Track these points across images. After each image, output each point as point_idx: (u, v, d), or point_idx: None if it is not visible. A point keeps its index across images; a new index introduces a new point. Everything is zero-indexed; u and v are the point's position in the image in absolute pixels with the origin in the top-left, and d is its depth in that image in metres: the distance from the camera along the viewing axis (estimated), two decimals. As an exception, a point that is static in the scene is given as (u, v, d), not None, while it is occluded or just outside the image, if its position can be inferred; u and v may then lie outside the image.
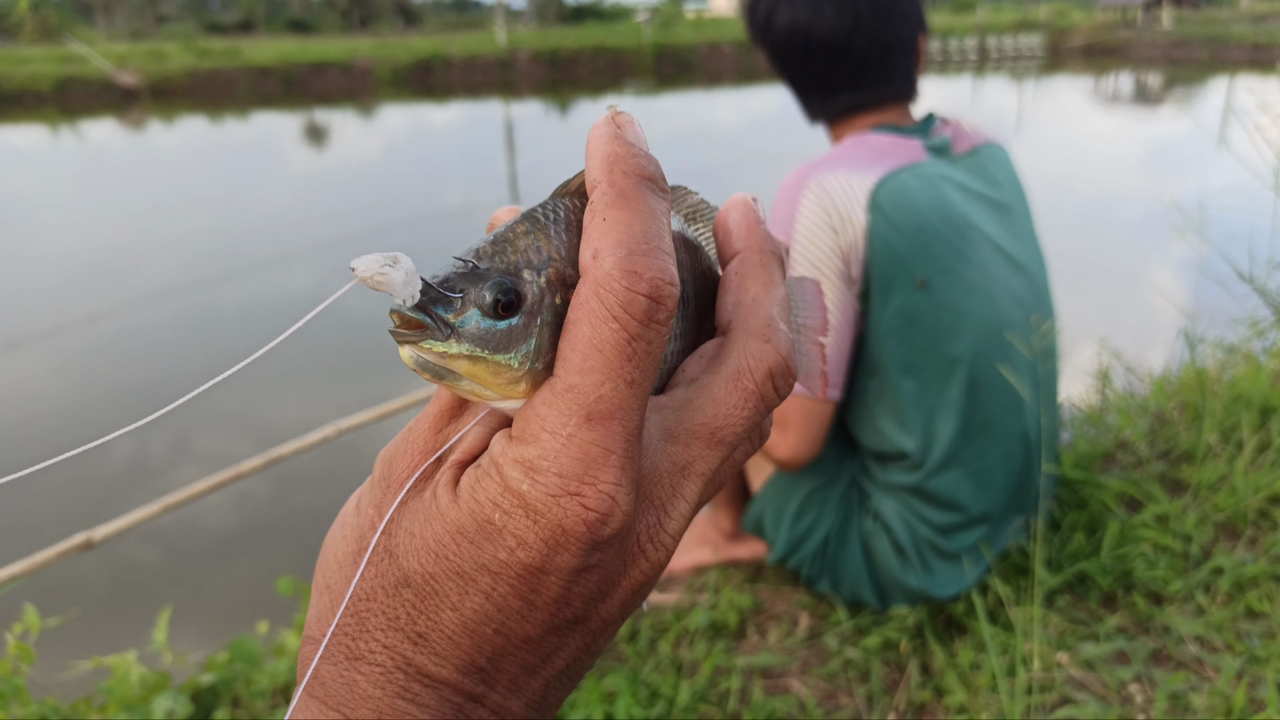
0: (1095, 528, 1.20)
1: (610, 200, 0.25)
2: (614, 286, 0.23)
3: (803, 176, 0.90)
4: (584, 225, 0.26)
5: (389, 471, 0.27)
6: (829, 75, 0.95)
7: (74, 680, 1.15)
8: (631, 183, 0.25)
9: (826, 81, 0.96)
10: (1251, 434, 1.39)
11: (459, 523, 0.24)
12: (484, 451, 0.25)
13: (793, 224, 0.89)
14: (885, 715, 0.94)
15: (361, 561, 0.25)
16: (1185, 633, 1.00)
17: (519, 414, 0.24)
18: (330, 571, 0.26)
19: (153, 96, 18.45)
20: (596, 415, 0.23)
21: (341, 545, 0.27)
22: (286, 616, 1.21)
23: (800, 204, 0.89)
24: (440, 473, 0.26)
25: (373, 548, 0.25)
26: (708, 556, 1.14)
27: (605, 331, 0.23)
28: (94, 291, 5.34)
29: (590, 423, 0.23)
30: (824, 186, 0.88)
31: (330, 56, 20.63)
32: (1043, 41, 24.91)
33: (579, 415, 0.23)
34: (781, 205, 0.91)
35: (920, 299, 0.90)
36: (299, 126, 14.07)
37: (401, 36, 29.37)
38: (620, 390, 0.23)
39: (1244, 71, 17.47)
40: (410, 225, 6.96)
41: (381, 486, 0.27)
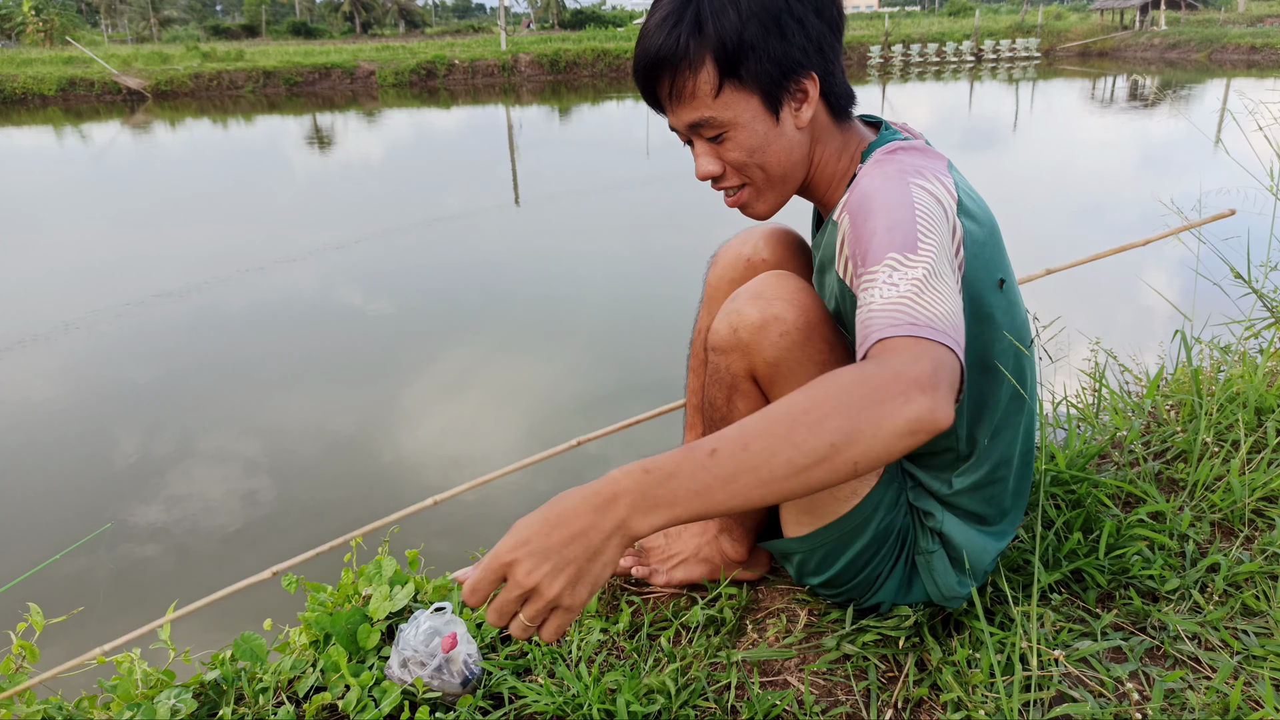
0: (1091, 526, 1.21)
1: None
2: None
3: (903, 178, 0.81)
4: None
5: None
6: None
7: (77, 678, 1.16)
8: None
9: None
10: (1247, 434, 1.40)
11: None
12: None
13: (918, 216, 0.76)
14: (882, 711, 0.95)
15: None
16: (1181, 630, 1.01)
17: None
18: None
19: (157, 99, 18.50)
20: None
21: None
22: (290, 613, 1.21)
23: (920, 197, 0.78)
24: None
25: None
26: (703, 574, 1.10)
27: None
28: (97, 293, 5.36)
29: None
30: (931, 191, 0.80)
31: (334, 60, 20.72)
32: (1039, 45, 24.95)
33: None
34: (896, 203, 0.78)
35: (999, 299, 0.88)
36: (302, 130, 14.10)
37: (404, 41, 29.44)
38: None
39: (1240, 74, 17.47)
40: (412, 228, 6.98)
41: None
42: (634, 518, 0.60)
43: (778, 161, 0.87)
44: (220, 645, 1.16)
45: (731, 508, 0.61)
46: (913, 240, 0.73)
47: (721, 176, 0.89)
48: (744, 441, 0.61)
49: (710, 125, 0.85)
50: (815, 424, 0.61)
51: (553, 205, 7.88)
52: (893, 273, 0.71)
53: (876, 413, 0.61)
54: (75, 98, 18.26)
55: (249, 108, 17.22)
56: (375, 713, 1.00)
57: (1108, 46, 24.81)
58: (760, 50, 0.81)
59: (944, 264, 0.73)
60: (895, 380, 0.63)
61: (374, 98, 18.70)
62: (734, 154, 0.87)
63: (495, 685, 1.05)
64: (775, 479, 0.60)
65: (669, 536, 1.07)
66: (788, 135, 0.86)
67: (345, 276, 5.64)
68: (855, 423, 0.61)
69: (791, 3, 0.81)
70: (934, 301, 0.69)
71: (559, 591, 0.60)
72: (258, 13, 42.64)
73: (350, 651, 1.11)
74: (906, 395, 0.62)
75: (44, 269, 6.00)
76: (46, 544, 2.50)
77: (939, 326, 0.67)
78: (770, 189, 0.90)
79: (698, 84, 0.83)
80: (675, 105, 0.86)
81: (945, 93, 17.94)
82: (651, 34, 0.83)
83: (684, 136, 0.89)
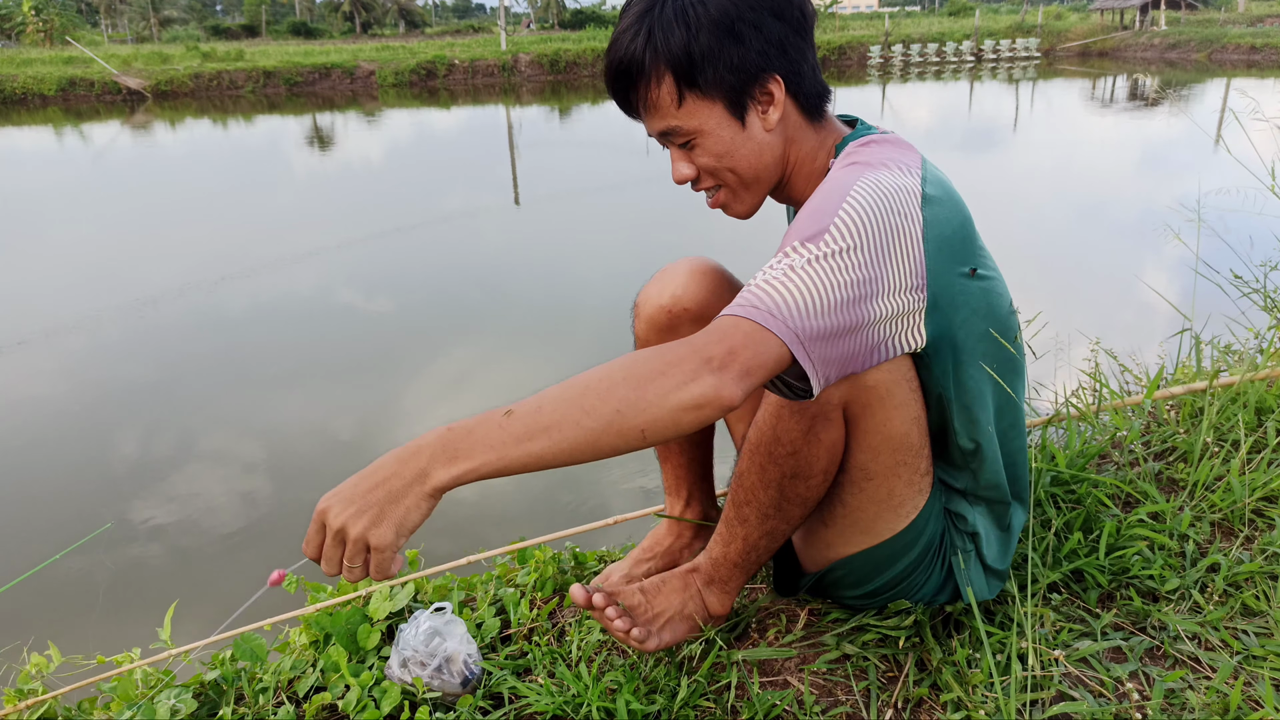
0: (1091, 526, 1.21)
1: None
2: None
3: (863, 170, 0.81)
4: None
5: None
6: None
7: (78, 678, 1.16)
8: None
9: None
10: (1247, 434, 1.40)
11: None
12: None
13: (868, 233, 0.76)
14: (882, 711, 0.95)
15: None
16: (1181, 630, 1.01)
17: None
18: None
19: (157, 99, 18.51)
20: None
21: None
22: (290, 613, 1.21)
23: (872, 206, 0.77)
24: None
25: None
26: (686, 632, 1.02)
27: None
28: (98, 293, 5.36)
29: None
30: (886, 180, 0.79)
31: (334, 61, 20.72)
32: (1039, 45, 24.95)
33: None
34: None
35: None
36: (302, 130, 14.10)
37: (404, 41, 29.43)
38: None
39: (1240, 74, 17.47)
40: (412, 228, 6.98)
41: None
42: (434, 467, 0.66)
43: (748, 165, 0.87)
44: (220, 645, 1.16)
45: (527, 465, 0.67)
46: (821, 229, 0.74)
47: (697, 179, 0.90)
48: (539, 404, 0.68)
49: (678, 134, 0.86)
50: (605, 391, 0.67)
51: (553, 205, 7.88)
52: (783, 259, 0.74)
53: (661, 384, 0.67)
54: (75, 98, 18.26)
55: (249, 108, 17.22)
56: (375, 713, 1.00)
57: (1108, 46, 24.81)
58: (716, 59, 0.81)
59: (851, 257, 0.73)
60: (689, 357, 0.68)
61: (374, 98, 18.70)
62: (704, 159, 0.87)
63: (495, 685, 1.05)
64: (565, 440, 0.66)
65: (648, 594, 0.99)
66: (756, 139, 0.86)
67: (345, 276, 5.64)
68: (640, 393, 0.67)
69: (744, 9, 0.81)
70: (795, 289, 0.71)
71: (363, 530, 0.66)
72: (258, 13, 42.62)
73: (350, 651, 1.11)
74: (695, 373, 0.67)
75: (44, 269, 6.00)
76: (46, 544, 2.50)
77: (779, 313, 0.70)
78: (745, 190, 0.90)
79: (660, 96, 0.84)
80: (644, 114, 0.87)
81: (945, 93, 17.94)
82: (615, 44, 0.85)
83: (659, 141, 0.91)
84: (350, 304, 5.06)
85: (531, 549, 1.39)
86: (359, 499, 0.66)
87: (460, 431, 0.67)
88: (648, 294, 1.08)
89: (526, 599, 1.25)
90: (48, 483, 2.98)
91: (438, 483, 0.66)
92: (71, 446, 3.25)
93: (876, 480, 0.90)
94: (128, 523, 2.64)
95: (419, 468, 0.66)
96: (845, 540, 0.97)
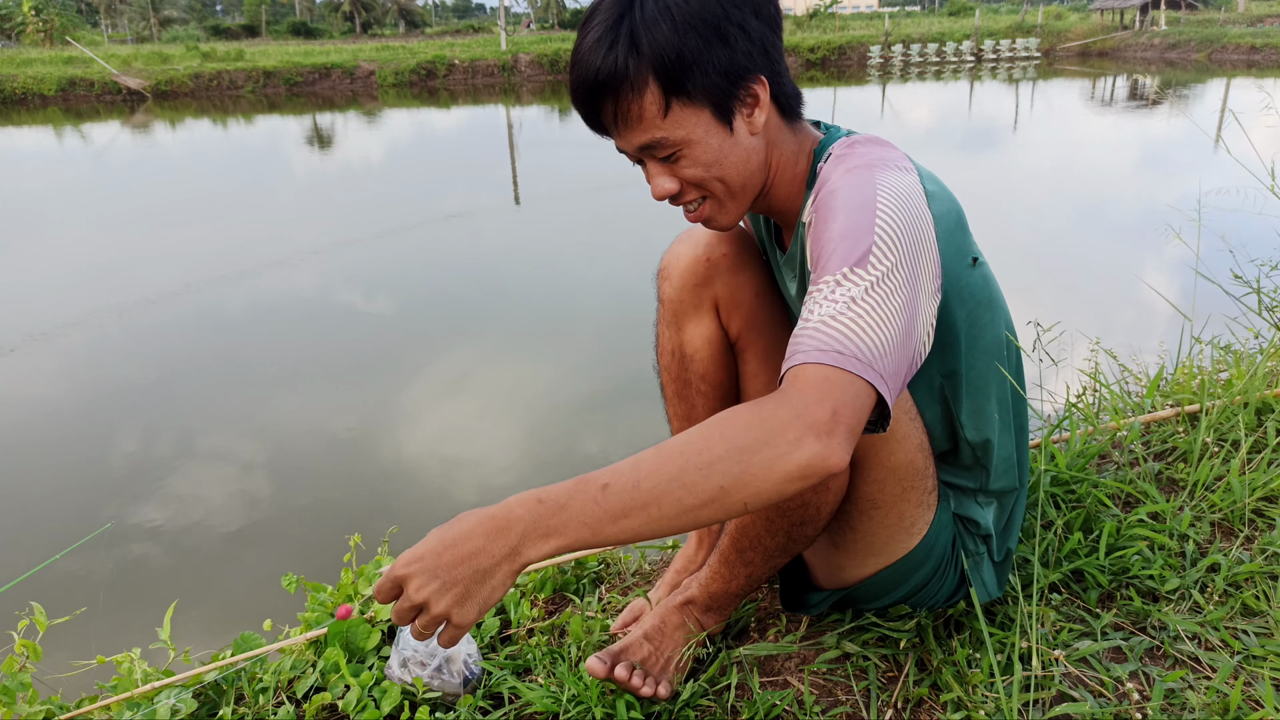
0: (1091, 526, 1.21)
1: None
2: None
3: (870, 172, 0.79)
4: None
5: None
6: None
7: (78, 678, 1.16)
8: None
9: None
10: (1247, 434, 1.40)
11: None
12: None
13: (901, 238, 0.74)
14: (882, 711, 0.95)
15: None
16: (1181, 630, 1.01)
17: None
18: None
19: (157, 99, 18.51)
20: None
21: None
22: (290, 613, 1.21)
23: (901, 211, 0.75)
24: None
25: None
26: (682, 638, 1.02)
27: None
28: (98, 293, 5.36)
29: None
30: (897, 184, 0.77)
31: (334, 61, 20.72)
32: (1038, 45, 24.96)
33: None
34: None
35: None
36: (302, 130, 14.10)
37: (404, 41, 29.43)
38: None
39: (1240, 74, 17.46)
40: (412, 228, 6.98)
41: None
42: (526, 545, 0.63)
43: (737, 172, 0.83)
44: (220, 646, 1.16)
45: (621, 540, 0.64)
46: (865, 249, 0.71)
47: (680, 193, 0.84)
48: (636, 479, 0.64)
49: (663, 146, 0.80)
50: (706, 465, 0.63)
51: (553, 205, 7.88)
52: (836, 288, 0.69)
53: (767, 456, 0.63)
54: (75, 98, 18.26)
55: (249, 108, 17.21)
56: (375, 713, 1.00)
57: (1108, 46, 24.81)
58: (704, 61, 0.76)
59: (897, 275, 0.70)
60: (792, 423, 0.63)
61: (374, 98, 18.70)
62: (691, 170, 0.82)
63: (495, 685, 1.05)
64: (664, 517, 0.63)
65: (653, 640, 0.99)
66: (744, 144, 0.82)
67: (345, 276, 5.64)
68: (745, 466, 0.63)
69: (729, 7, 0.77)
70: (870, 325, 0.67)
71: (446, 609, 0.63)
72: (258, 13, 42.61)
73: (350, 652, 1.11)
74: (800, 440, 0.63)
75: (44, 269, 6.00)
76: (46, 544, 2.50)
77: (865, 357, 0.66)
78: (732, 200, 0.86)
79: (644, 106, 0.78)
80: (622, 129, 0.81)
81: (945, 93, 17.94)
82: (587, 56, 0.78)
83: (633, 158, 0.85)
84: (350, 304, 5.06)
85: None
86: (444, 573, 0.63)
87: (553, 506, 0.64)
88: (677, 252, 1.02)
89: (527, 599, 1.25)
90: (48, 483, 2.98)
91: (528, 560, 0.64)
92: (71, 446, 3.25)
93: (884, 509, 0.89)
94: (127, 523, 2.64)
95: (510, 545, 0.63)
96: (859, 563, 0.96)
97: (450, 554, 0.63)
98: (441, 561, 0.63)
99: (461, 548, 0.63)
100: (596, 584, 1.32)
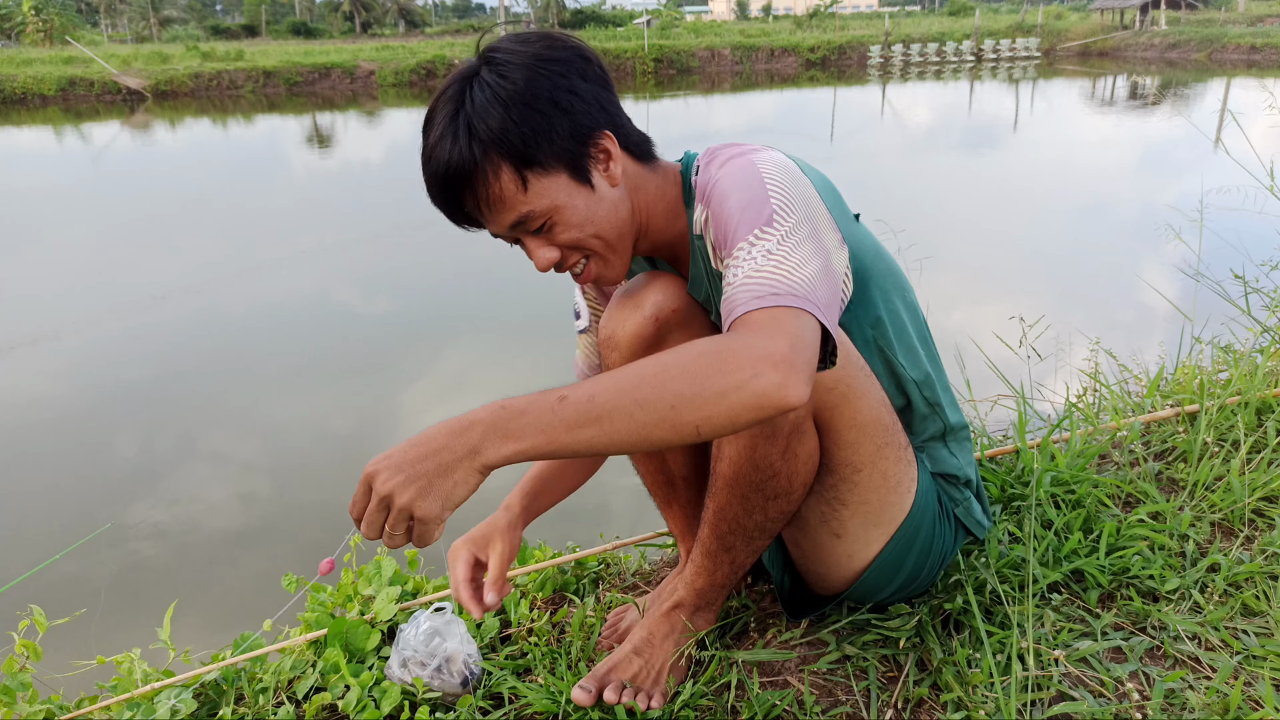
0: (1091, 526, 1.21)
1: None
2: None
3: (744, 157, 0.84)
4: None
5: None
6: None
7: (78, 678, 1.16)
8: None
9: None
10: (1247, 434, 1.40)
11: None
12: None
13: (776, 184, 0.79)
14: (883, 711, 0.95)
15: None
16: (1182, 630, 1.01)
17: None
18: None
19: (156, 99, 18.51)
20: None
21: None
22: (290, 613, 1.21)
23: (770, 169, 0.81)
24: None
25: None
26: (686, 668, 1.02)
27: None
28: (98, 293, 5.36)
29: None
30: (771, 158, 0.83)
31: (334, 60, 20.72)
32: (1039, 45, 24.95)
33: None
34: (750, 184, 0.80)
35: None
36: (302, 130, 14.10)
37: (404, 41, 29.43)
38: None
39: (1240, 73, 17.46)
40: (412, 227, 6.97)
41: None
42: (486, 444, 0.67)
43: (610, 224, 0.86)
44: (220, 646, 1.16)
45: (577, 450, 0.67)
46: (768, 212, 0.76)
47: (562, 260, 0.87)
48: (591, 393, 0.67)
49: (532, 218, 0.82)
50: (660, 385, 0.66)
51: (553, 205, 7.86)
52: (751, 248, 0.74)
53: (721, 381, 0.65)
54: (75, 98, 18.26)
55: (249, 108, 17.21)
56: (375, 713, 1.00)
57: (1108, 46, 24.81)
58: (548, 131, 0.79)
59: (803, 226, 0.76)
60: (747, 352, 0.66)
61: (374, 98, 18.70)
62: (566, 235, 0.84)
63: (495, 685, 1.05)
64: (616, 431, 0.66)
65: (642, 653, 0.98)
66: (609, 197, 0.85)
67: (345, 276, 5.64)
68: (699, 389, 0.65)
69: (556, 79, 0.80)
70: (794, 266, 0.72)
71: (410, 500, 0.66)
72: (257, 12, 42.60)
73: (350, 652, 1.11)
74: (756, 369, 0.65)
75: (44, 270, 6.00)
76: (46, 544, 2.50)
77: (799, 291, 0.71)
78: (614, 253, 0.88)
79: (502, 187, 0.80)
80: (488, 213, 0.83)
81: (945, 93, 17.94)
82: (435, 154, 0.81)
83: (508, 239, 0.87)
84: (350, 303, 5.06)
85: (532, 551, 1.39)
86: (408, 467, 0.66)
87: (513, 411, 0.67)
88: (621, 319, 0.94)
89: (527, 599, 1.25)
90: (48, 483, 2.98)
91: (488, 460, 0.67)
92: (71, 446, 3.25)
93: (866, 469, 0.91)
94: (127, 523, 2.64)
95: (471, 443, 0.66)
96: (864, 542, 0.96)
97: (415, 451, 0.67)
98: (407, 458, 0.67)
99: (426, 445, 0.67)
100: (596, 584, 1.32)
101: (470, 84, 0.80)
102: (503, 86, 0.79)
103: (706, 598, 1.01)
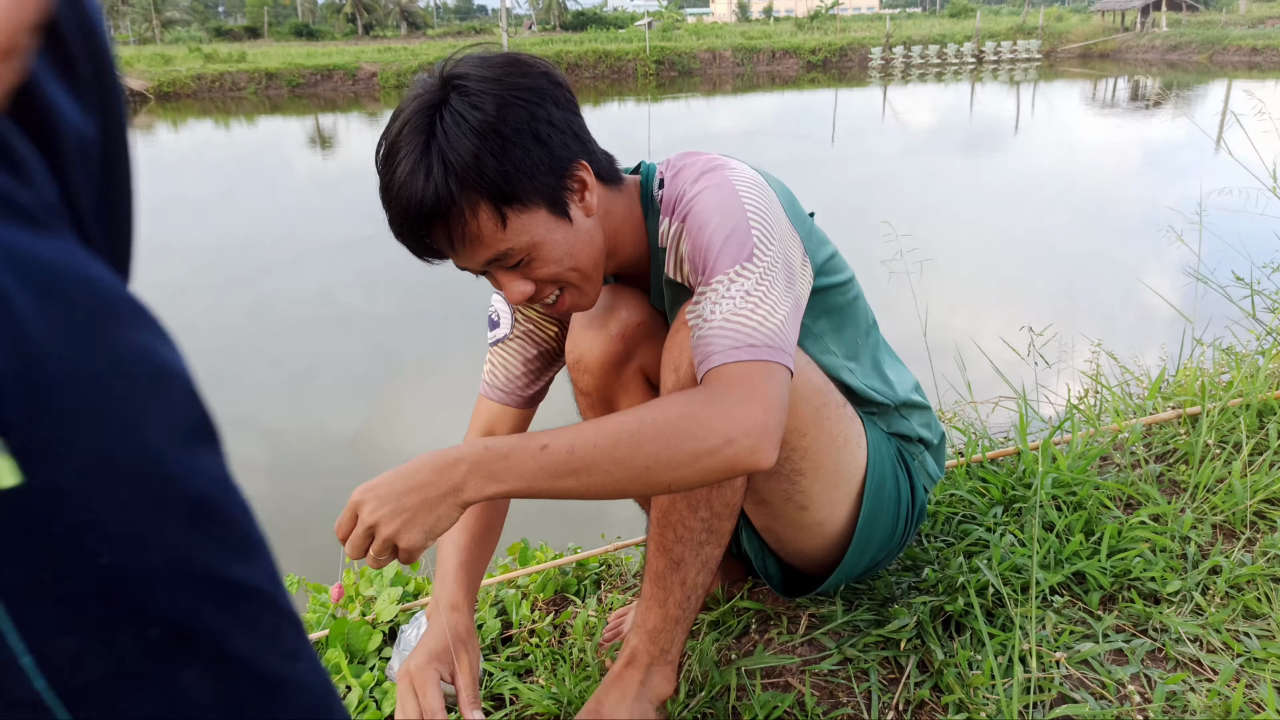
0: (1093, 528, 1.20)
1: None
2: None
3: (717, 173, 0.84)
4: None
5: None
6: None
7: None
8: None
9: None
10: (1248, 436, 1.40)
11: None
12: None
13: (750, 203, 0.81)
14: (884, 713, 0.95)
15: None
16: (1183, 632, 1.01)
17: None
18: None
19: (159, 100, 18.55)
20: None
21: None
22: (290, 614, 1.21)
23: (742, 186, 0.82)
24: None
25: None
26: (626, 715, 0.91)
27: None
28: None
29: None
30: (744, 175, 0.84)
31: (336, 62, 20.77)
32: (1040, 46, 24.97)
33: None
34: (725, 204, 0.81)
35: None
36: (304, 131, 14.13)
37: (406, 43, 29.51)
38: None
39: (1241, 75, 17.47)
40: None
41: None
42: (469, 484, 0.70)
43: (588, 256, 0.83)
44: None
45: (554, 496, 0.71)
46: (749, 246, 0.77)
47: (536, 293, 0.83)
48: (572, 444, 0.70)
49: (511, 255, 0.79)
50: (637, 445, 0.69)
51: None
52: (731, 284, 0.76)
53: (694, 446, 0.69)
54: (77, 99, 18.26)
55: (251, 109, 17.25)
56: (376, 713, 1.00)
57: (1109, 48, 24.83)
58: (530, 167, 0.76)
59: (779, 260, 0.78)
60: (721, 420, 0.70)
61: (376, 99, 18.73)
62: (544, 270, 0.81)
63: (496, 686, 1.05)
64: (594, 484, 0.70)
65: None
66: (585, 228, 0.83)
67: (346, 276, 5.65)
68: (673, 452, 0.69)
69: (533, 108, 0.76)
70: (769, 312, 0.74)
71: (394, 532, 0.70)
72: (260, 14, 42.71)
73: (351, 652, 1.11)
74: (729, 435, 0.69)
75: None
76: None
77: (774, 342, 0.73)
78: (588, 283, 0.86)
79: (480, 224, 0.76)
80: (461, 250, 0.79)
81: (946, 95, 17.94)
82: (405, 187, 0.75)
83: (475, 271, 0.83)
84: (351, 303, 5.07)
85: (534, 552, 1.39)
86: (393, 500, 0.70)
87: (496, 454, 0.70)
88: (587, 341, 0.93)
89: (528, 600, 1.25)
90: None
91: (469, 498, 0.70)
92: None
93: (811, 432, 0.90)
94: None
95: (454, 481, 0.70)
96: (830, 505, 0.95)
97: (401, 484, 0.70)
98: (393, 490, 0.70)
99: (411, 479, 0.70)
100: (597, 585, 1.32)
101: (440, 113, 0.75)
102: (475, 117, 0.74)
103: (660, 641, 0.90)
